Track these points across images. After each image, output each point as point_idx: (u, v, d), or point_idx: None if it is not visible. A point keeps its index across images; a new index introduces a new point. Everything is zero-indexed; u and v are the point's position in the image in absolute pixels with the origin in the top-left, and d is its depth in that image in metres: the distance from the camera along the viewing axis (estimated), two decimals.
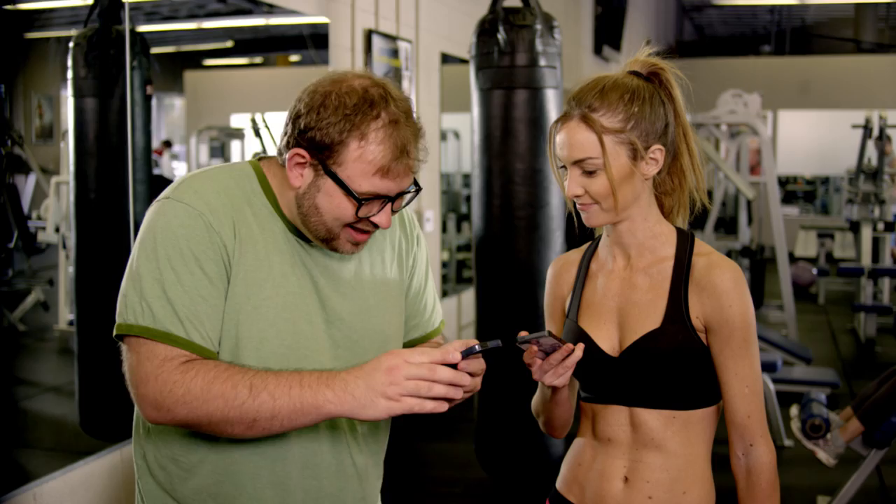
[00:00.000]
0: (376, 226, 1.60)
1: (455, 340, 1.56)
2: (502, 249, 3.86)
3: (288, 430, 1.53)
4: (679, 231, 1.83)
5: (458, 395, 1.51)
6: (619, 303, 1.81)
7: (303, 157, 1.56)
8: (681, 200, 1.85)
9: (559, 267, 1.94)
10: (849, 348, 8.17)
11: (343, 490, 1.70)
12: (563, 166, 1.78)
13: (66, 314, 4.83)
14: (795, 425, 4.12)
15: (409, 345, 1.85)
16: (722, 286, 1.73)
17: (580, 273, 1.89)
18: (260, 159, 1.69)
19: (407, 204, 1.66)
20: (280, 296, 1.59)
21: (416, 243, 1.85)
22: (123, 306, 1.54)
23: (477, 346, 1.52)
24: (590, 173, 1.73)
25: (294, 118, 1.57)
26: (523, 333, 1.65)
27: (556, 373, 1.71)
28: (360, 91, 1.54)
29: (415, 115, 1.60)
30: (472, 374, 1.54)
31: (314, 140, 1.54)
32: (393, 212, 1.61)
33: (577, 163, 1.73)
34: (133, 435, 1.71)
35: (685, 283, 1.76)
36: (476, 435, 4.07)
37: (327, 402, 1.48)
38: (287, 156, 1.58)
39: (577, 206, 1.77)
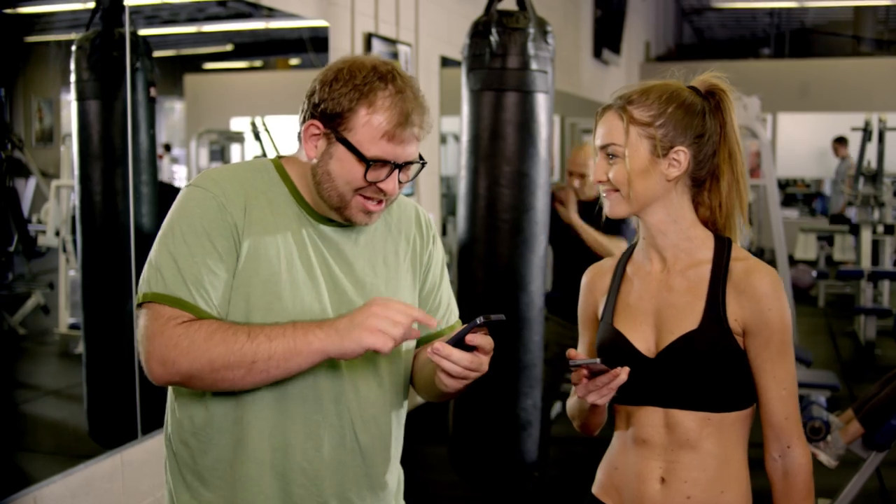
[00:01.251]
0: (385, 194, 1.70)
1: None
2: (484, 252, 3.84)
3: (286, 372, 1.63)
4: (717, 236, 1.86)
5: (454, 370, 1.63)
6: (656, 305, 1.85)
7: (317, 127, 1.70)
8: (729, 223, 1.88)
9: (593, 275, 2.02)
10: (848, 351, 8.18)
11: (343, 464, 1.76)
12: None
13: (66, 318, 4.83)
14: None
15: (422, 341, 1.92)
16: (762, 290, 1.77)
17: (615, 277, 1.94)
18: (280, 157, 1.82)
19: (415, 176, 1.77)
20: (290, 272, 1.70)
21: (432, 242, 1.95)
22: (142, 280, 1.69)
23: (480, 319, 1.59)
24: (612, 159, 1.81)
25: (310, 95, 1.72)
26: (576, 356, 1.73)
27: (599, 393, 1.75)
28: (369, 66, 1.69)
29: (420, 91, 1.73)
30: (479, 350, 1.64)
31: (326, 111, 1.68)
32: (400, 183, 1.72)
33: (603, 148, 1.82)
34: (165, 424, 1.82)
35: (723, 286, 1.79)
36: (450, 439, 4.05)
37: (316, 338, 1.60)
38: (302, 129, 1.73)
39: (602, 194, 1.85)
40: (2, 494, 3.09)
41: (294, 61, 5.78)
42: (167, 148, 6.06)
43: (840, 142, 12.77)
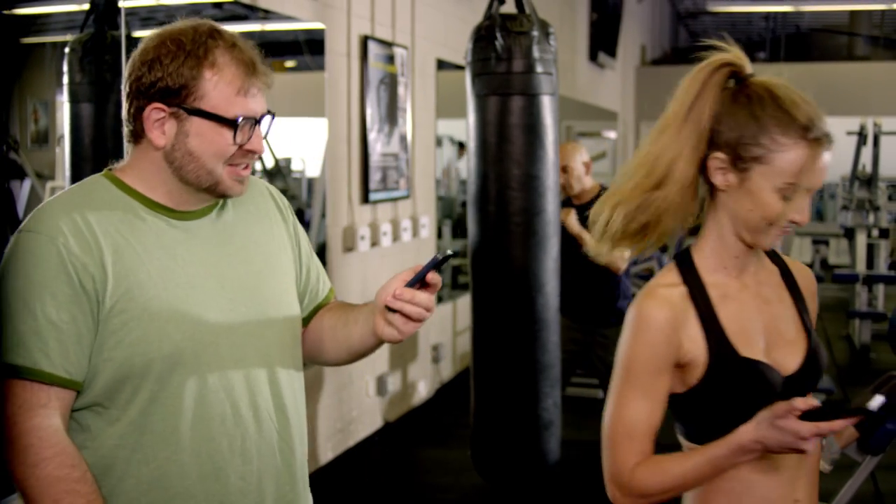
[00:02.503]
0: (254, 154, 1.62)
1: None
2: (498, 256, 3.85)
3: None
4: None
5: (414, 312, 1.58)
6: (763, 321, 1.68)
7: (161, 110, 1.56)
8: None
9: (668, 311, 1.65)
10: (844, 355, 8.18)
11: (276, 467, 1.69)
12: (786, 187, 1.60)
13: None
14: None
15: (320, 307, 1.87)
16: (814, 288, 1.75)
17: (700, 307, 1.66)
18: (109, 170, 1.66)
19: (268, 132, 1.65)
20: (168, 290, 1.56)
21: (291, 213, 1.85)
22: None
23: (439, 255, 1.56)
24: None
25: (134, 84, 1.57)
26: (808, 405, 1.47)
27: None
28: (189, 30, 1.58)
29: (249, 43, 1.64)
30: (427, 289, 1.59)
31: (166, 88, 1.54)
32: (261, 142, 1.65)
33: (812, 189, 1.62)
34: None
35: (798, 290, 1.74)
36: (472, 440, 4.07)
37: None
38: (144, 116, 1.57)
39: (781, 230, 1.63)
40: (2, 494, 3.08)
41: (290, 64, 5.77)
42: None
43: None
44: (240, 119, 1.56)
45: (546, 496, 4.63)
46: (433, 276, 1.58)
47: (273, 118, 1.64)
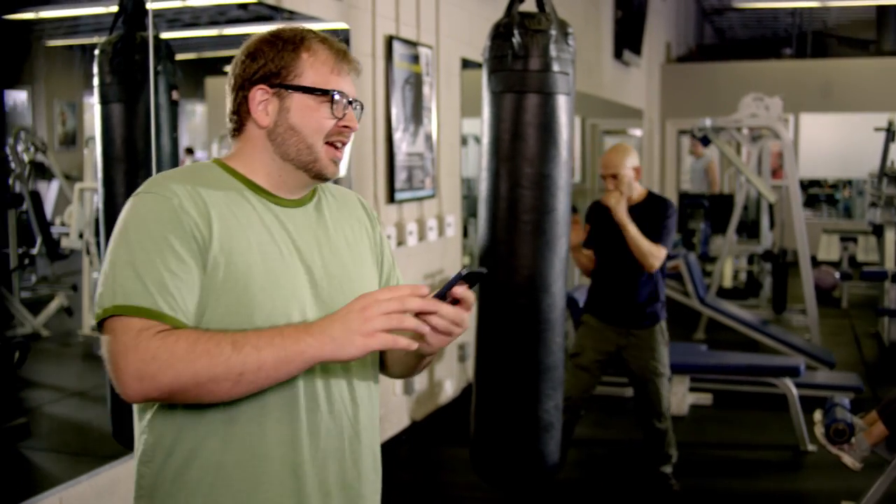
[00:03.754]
0: (349, 131, 1.74)
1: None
2: (506, 254, 3.84)
3: (273, 381, 1.56)
4: None
5: (441, 324, 1.60)
6: None
7: (264, 90, 1.71)
8: None
9: None
10: (872, 352, 8.12)
11: (341, 449, 1.73)
12: None
13: (89, 320, 4.86)
14: (819, 430, 4.09)
15: None
16: None
17: None
18: (217, 159, 1.78)
19: (359, 117, 1.78)
20: (266, 262, 1.65)
21: (378, 223, 1.95)
22: (99, 295, 1.58)
23: (463, 271, 1.59)
24: None
25: (240, 74, 1.74)
26: None
27: None
28: (287, 28, 1.76)
29: None
30: (460, 304, 1.62)
31: (269, 72, 1.71)
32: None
33: None
34: (135, 449, 1.74)
35: None
36: (471, 440, 4.05)
37: (308, 346, 1.53)
38: (249, 97, 1.72)
39: None
40: (28, 494, 3.12)
41: None
42: (190, 151, 6.09)
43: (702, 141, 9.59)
44: (335, 92, 1.70)
45: (545, 498, 4.63)
46: (462, 292, 1.62)
47: (362, 110, 1.79)
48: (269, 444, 1.64)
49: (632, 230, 4.31)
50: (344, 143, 1.75)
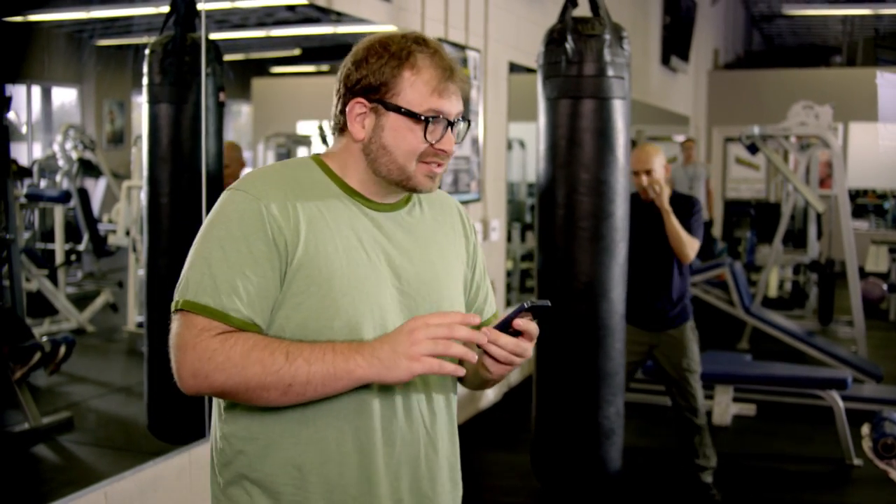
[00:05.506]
0: (445, 154, 1.70)
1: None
2: (564, 260, 3.83)
3: (321, 396, 1.59)
4: None
5: (500, 354, 1.62)
6: None
7: (363, 105, 1.69)
8: None
9: None
10: None
11: (416, 458, 1.74)
12: None
13: (134, 316, 4.91)
14: (867, 444, 4.03)
15: (483, 324, 1.86)
16: None
17: None
18: (317, 154, 1.78)
19: (463, 137, 1.75)
20: (350, 266, 1.66)
21: (473, 233, 1.93)
22: (178, 285, 1.64)
23: (527, 303, 1.59)
24: None
25: (344, 80, 1.71)
26: None
27: None
28: (398, 36, 1.70)
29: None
30: (524, 336, 1.63)
31: (369, 86, 1.68)
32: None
33: None
34: (212, 430, 1.76)
35: None
36: (532, 445, 4.05)
37: (357, 366, 1.56)
38: (347, 110, 1.70)
39: None
40: (73, 489, 3.15)
41: None
42: None
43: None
44: (430, 118, 1.67)
45: None
46: (524, 324, 1.63)
47: (469, 126, 1.76)
48: (343, 449, 1.66)
49: (674, 219, 4.31)
50: (440, 164, 1.72)
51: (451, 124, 1.69)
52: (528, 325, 1.62)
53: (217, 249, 1.61)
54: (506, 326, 1.62)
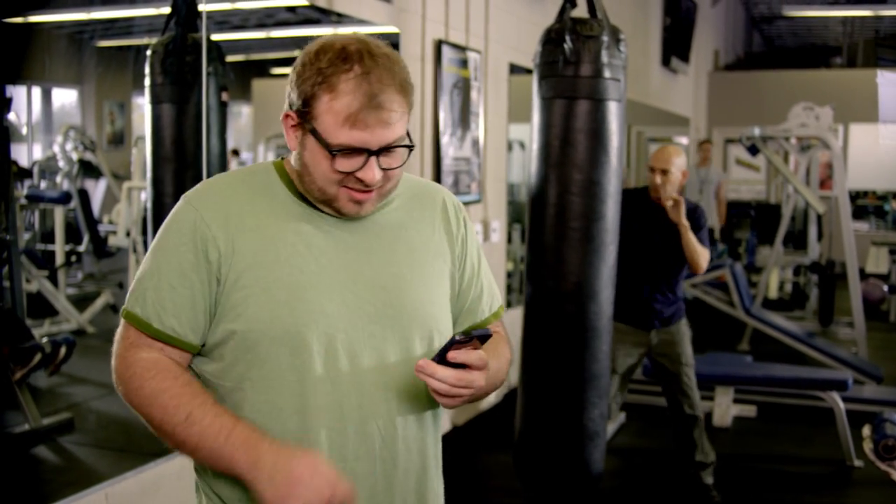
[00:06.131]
0: (365, 183, 1.59)
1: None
2: (553, 260, 3.82)
3: (207, 464, 1.62)
4: None
5: (441, 388, 1.55)
6: None
7: (291, 118, 1.61)
8: None
9: None
10: None
11: (372, 473, 1.68)
12: None
13: None
14: (868, 446, 4.02)
15: (481, 325, 1.83)
16: None
17: None
18: (283, 158, 1.73)
19: (403, 164, 1.62)
20: (293, 276, 1.61)
21: (464, 226, 1.83)
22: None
23: (458, 336, 1.54)
24: None
25: (289, 83, 1.62)
26: None
27: None
28: (337, 47, 1.56)
29: (399, 69, 1.58)
30: (469, 367, 1.56)
31: (296, 99, 1.58)
32: (385, 169, 1.59)
33: None
34: None
35: None
36: (515, 446, 4.04)
37: (239, 462, 1.54)
38: (282, 119, 1.63)
39: None
40: (74, 490, 3.14)
41: None
42: (235, 153, 6.13)
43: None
44: (337, 150, 1.56)
45: None
46: (463, 356, 1.55)
47: (411, 149, 1.62)
48: None
49: (691, 234, 4.30)
50: (364, 192, 1.61)
51: (374, 153, 1.57)
52: (467, 356, 1.55)
53: (152, 260, 1.63)
54: (443, 359, 1.55)
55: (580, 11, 3.85)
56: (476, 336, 1.54)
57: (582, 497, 4.06)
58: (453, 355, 1.54)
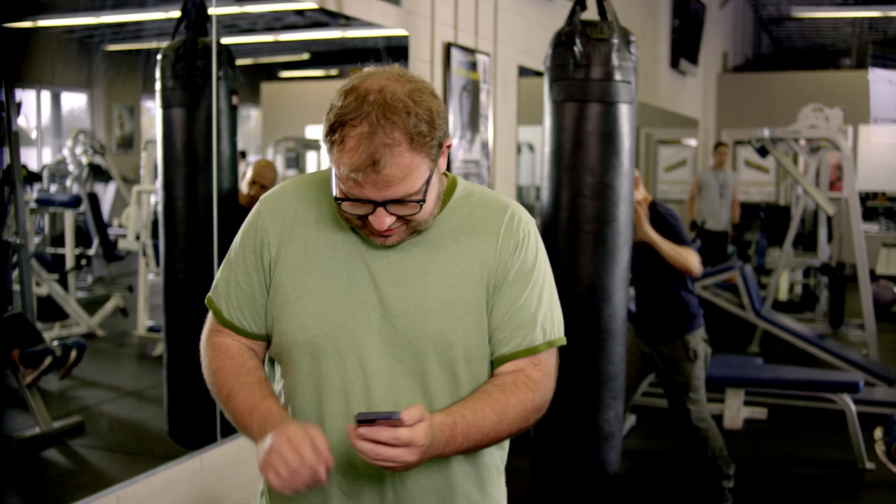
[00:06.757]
0: (374, 229, 1.60)
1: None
2: (566, 263, 3.81)
3: (246, 435, 1.69)
4: None
5: (367, 456, 1.49)
6: None
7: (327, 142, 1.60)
8: None
9: None
10: None
11: (381, 488, 1.70)
12: None
13: (145, 320, 4.91)
14: (880, 448, 4.01)
15: (500, 360, 1.73)
16: None
17: None
18: None
19: (413, 214, 1.59)
20: (324, 288, 1.68)
21: (516, 251, 1.73)
22: None
23: (358, 416, 1.48)
24: None
25: None
26: None
27: None
28: (360, 93, 1.55)
29: (415, 120, 1.54)
30: (386, 444, 1.48)
31: (325, 128, 1.59)
32: (403, 217, 1.59)
33: None
34: None
35: None
36: (531, 448, 4.03)
37: (254, 437, 1.64)
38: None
39: None
40: (86, 493, 3.15)
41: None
42: (242, 155, 6.14)
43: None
44: (341, 199, 1.58)
45: None
46: (366, 433, 1.47)
47: (420, 204, 1.58)
48: None
49: (664, 245, 4.23)
50: (381, 234, 1.61)
51: (381, 204, 1.56)
52: (377, 434, 1.47)
53: (230, 256, 1.79)
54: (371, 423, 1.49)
55: (590, 14, 3.85)
56: (375, 419, 1.47)
57: (598, 498, 4.05)
58: (363, 432, 1.47)
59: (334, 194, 1.60)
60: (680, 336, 4.41)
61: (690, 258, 4.27)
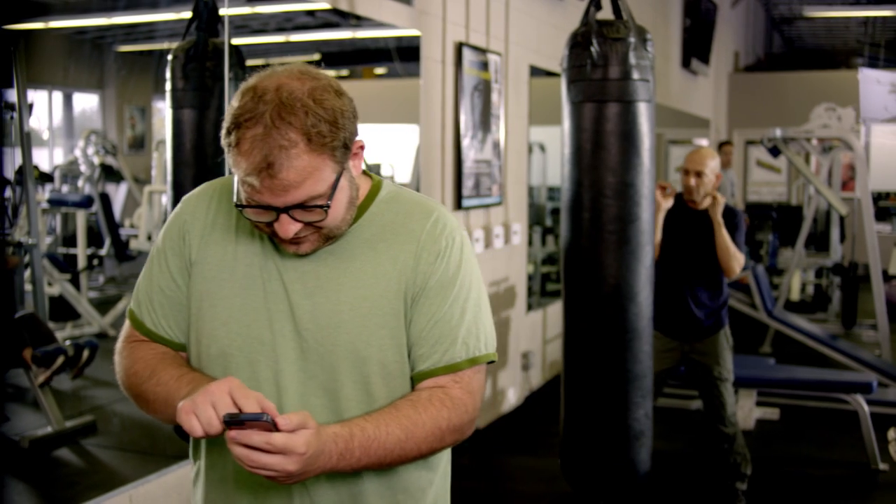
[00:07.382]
0: (279, 237, 1.51)
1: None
2: (590, 263, 3.82)
3: (166, 418, 1.57)
4: None
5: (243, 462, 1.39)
6: None
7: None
8: None
9: None
10: None
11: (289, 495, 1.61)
12: None
13: None
14: (893, 449, 4.00)
15: (420, 376, 1.62)
16: None
17: None
18: None
19: (319, 221, 1.50)
20: (239, 297, 1.60)
21: (437, 258, 1.61)
22: None
23: (225, 417, 1.38)
24: None
25: None
26: None
27: None
28: (257, 92, 1.45)
29: (314, 120, 1.44)
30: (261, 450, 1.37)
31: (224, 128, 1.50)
32: (311, 224, 1.50)
33: None
34: None
35: None
36: (561, 449, 4.04)
37: (181, 398, 1.49)
38: None
39: None
40: (99, 493, 3.15)
41: (380, 71, 5.82)
42: None
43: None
44: (241, 206, 1.49)
45: None
46: (237, 436, 1.37)
47: (325, 209, 1.48)
48: (224, 488, 1.69)
49: (725, 232, 4.26)
50: (290, 242, 1.53)
51: (283, 210, 1.46)
52: (248, 438, 1.36)
53: (150, 260, 1.68)
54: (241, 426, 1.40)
55: (603, 13, 3.84)
56: (244, 420, 1.37)
57: (630, 497, 4.04)
58: (233, 435, 1.37)
59: (234, 201, 1.50)
60: (722, 325, 4.46)
61: (738, 257, 4.30)
